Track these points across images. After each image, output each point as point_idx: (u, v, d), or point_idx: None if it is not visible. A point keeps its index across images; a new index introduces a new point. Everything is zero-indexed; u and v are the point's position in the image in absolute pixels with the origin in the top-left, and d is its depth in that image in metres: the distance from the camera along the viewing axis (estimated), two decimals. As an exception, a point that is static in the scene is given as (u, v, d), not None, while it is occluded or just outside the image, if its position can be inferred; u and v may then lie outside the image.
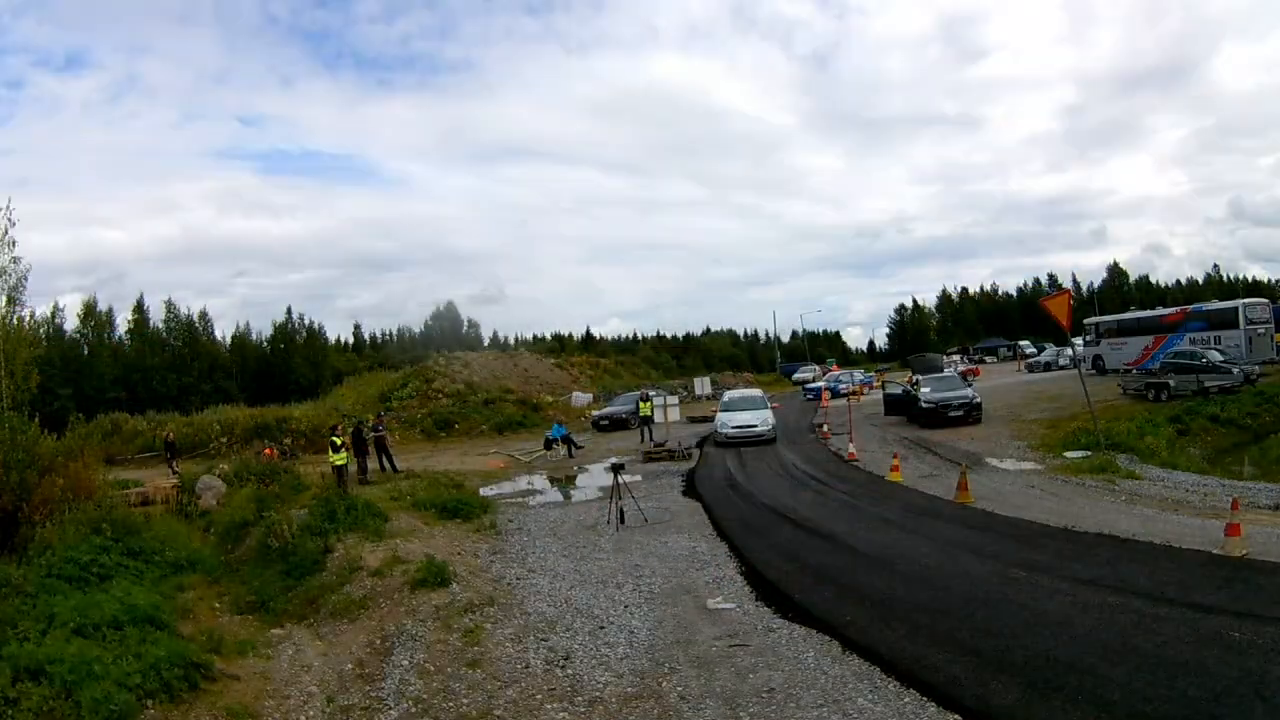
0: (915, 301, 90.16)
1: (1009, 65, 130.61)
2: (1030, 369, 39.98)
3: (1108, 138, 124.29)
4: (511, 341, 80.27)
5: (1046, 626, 6.00)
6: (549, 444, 23.01)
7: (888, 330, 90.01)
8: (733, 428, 21.03)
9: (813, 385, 37.48)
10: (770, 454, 18.81)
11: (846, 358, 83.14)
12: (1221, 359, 23.06)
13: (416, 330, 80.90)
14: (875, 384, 38.42)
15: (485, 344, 74.76)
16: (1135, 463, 14.03)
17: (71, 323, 54.46)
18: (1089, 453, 14.62)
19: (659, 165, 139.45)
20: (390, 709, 5.74)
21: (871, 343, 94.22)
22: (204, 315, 60.62)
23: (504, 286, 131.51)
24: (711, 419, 24.32)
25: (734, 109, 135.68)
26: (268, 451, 22.98)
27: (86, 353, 53.29)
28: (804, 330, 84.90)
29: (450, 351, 44.46)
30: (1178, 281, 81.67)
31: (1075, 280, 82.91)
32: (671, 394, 30.55)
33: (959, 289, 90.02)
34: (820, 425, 23.22)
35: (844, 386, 35.80)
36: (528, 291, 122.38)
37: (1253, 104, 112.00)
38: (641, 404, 24.32)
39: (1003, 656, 5.54)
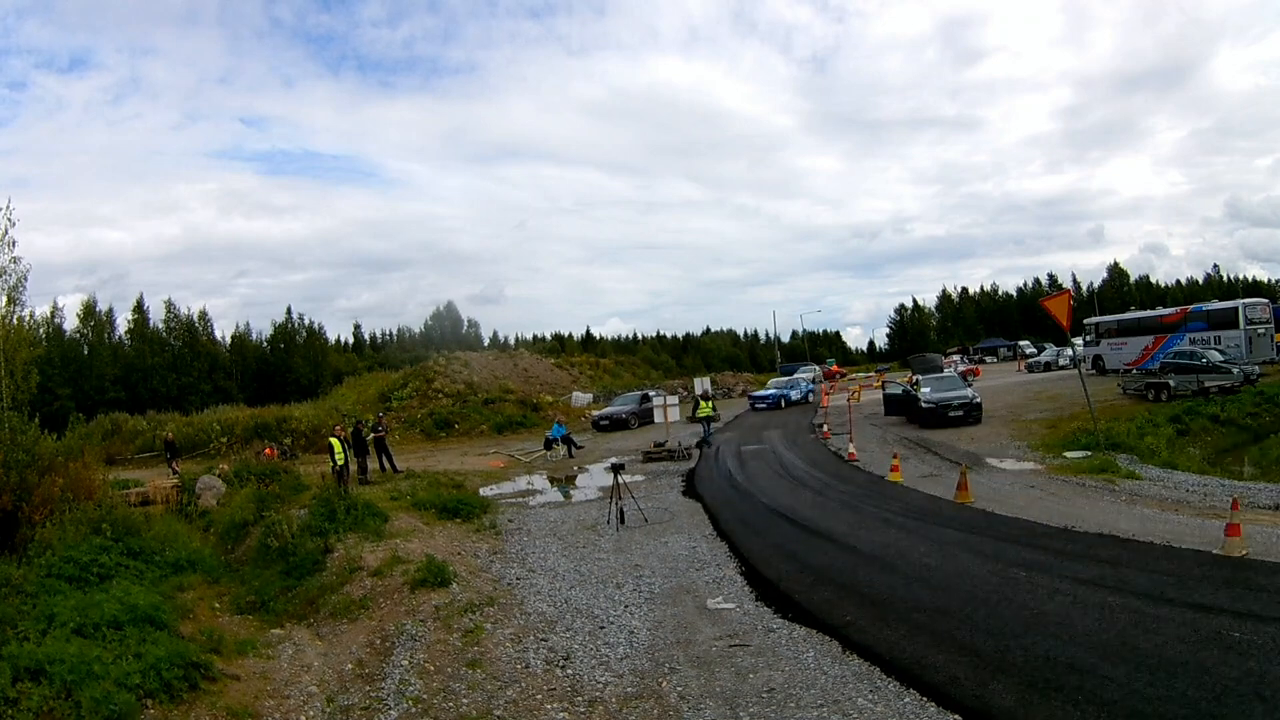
0: (915, 301, 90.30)
1: (1007, 67, 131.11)
2: (1030, 369, 39.95)
3: (1106, 139, 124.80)
4: (511, 341, 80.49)
5: (1046, 626, 6.00)
6: (549, 444, 23.00)
7: (887, 330, 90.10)
8: None
9: (766, 394, 33.57)
10: (770, 454, 18.81)
11: (846, 358, 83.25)
12: (1221, 359, 23.05)
13: (416, 330, 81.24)
14: (871, 383, 38.27)
15: (485, 344, 75.06)
16: (1135, 463, 14.02)
17: (71, 323, 54.65)
18: (1089, 453, 14.60)
19: (659, 166, 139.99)
20: (390, 709, 5.74)
21: (871, 343, 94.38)
22: (204, 315, 60.75)
23: (504, 287, 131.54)
24: (717, 420, 22.95)
25: (734, 111, 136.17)
26: (268, 451, 22.98)
27: (86, 353, 53.33)
28: (804, 330, 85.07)
29: (450, 351, 44.39)
30: (1177, 281, 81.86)
31: (1075, 280, 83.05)
32: (671, 394, 30.54)
33: (959, 289, 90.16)
34: (820, 425, 23.23)
35: (795, 393, 32.84)
36: (528, 291, 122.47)
37: (1250, 105, 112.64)
38: (703, 403, 22.84)
39: (1003, 656, 5.54)
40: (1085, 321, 33.40)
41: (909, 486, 13.11)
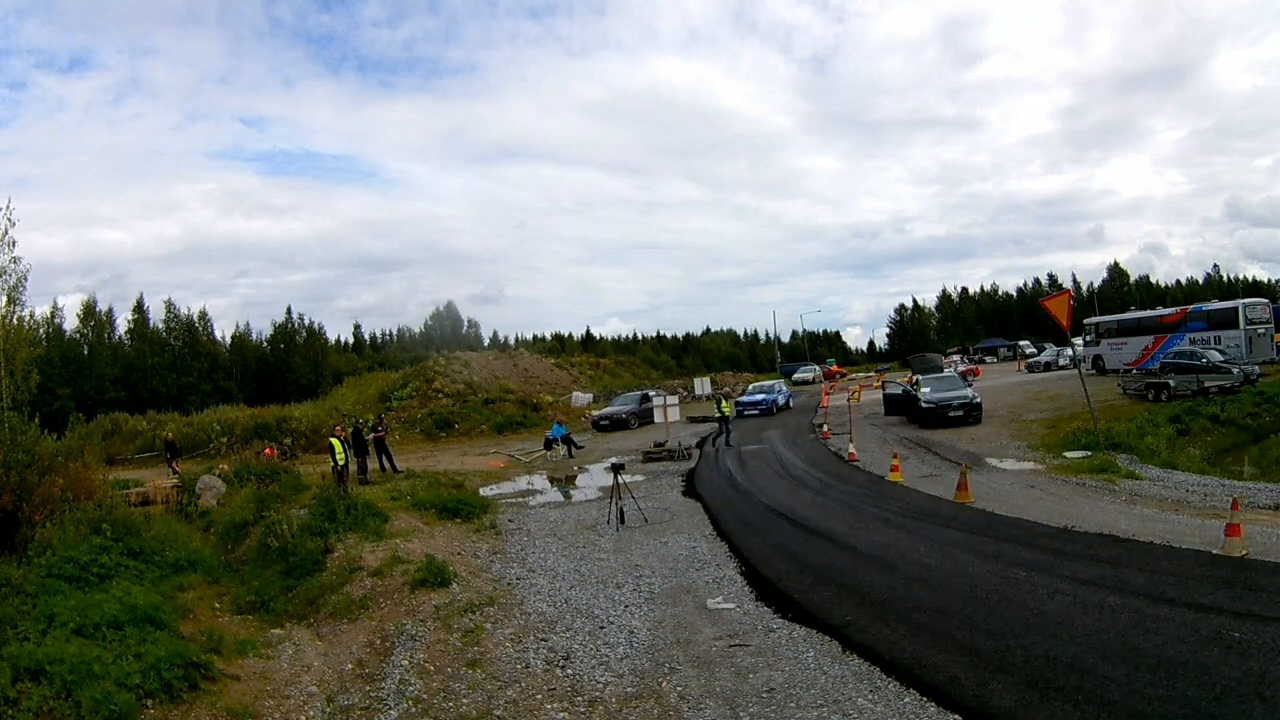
0: (915, 301, 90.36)
1: (1007, 67, 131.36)
2: (1030, 369, 39.94)
3: (1106, 139, 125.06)
4: (511, 341, 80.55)
5: (1046, 626, 6.00)
6: (549, 444, 23.00)
7: (888, 330, 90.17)
8: None
9: (754, 399, 31.09)
10: (770, 454, 18.81)
11: (846, 358, 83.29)
12: (1221, 359, 23.04)
13: (416, 330, 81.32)
14: (871, 383, 38.15)
15: (485, 344, 75.13)
16: (1135, 463, 14.02)
17: (71, 323, 54.72)
18: (1089, 453, 14.61)
19: (659, 166, 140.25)
20: (390, 709, 5.74)
21: (871, 343, 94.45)
22: (204, 315, 60.89)
23: (504, 287, 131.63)
24: (715, 420, 23.08)
25: (734, 111, 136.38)
26: (268, 451, 22.98)
27: (86, 353, 53.37)
28: (804, 330, 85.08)
29: (450, 351, 44.37)
30: (1177, 281, 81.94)
31: (1075, 280, 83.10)
32: (671, 394, 30.51)
33: (959, 289, 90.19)
34: (820, 425, 23.22)
35: (780, 399, 31.64)
36: (528, 291, 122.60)
37: (1250, 105, 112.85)
38: (724, 402, 22.63)
39: (1003, 656, 5.54)
40: (1085, 321, 33.39)
41: (909, 486, 13.10)
